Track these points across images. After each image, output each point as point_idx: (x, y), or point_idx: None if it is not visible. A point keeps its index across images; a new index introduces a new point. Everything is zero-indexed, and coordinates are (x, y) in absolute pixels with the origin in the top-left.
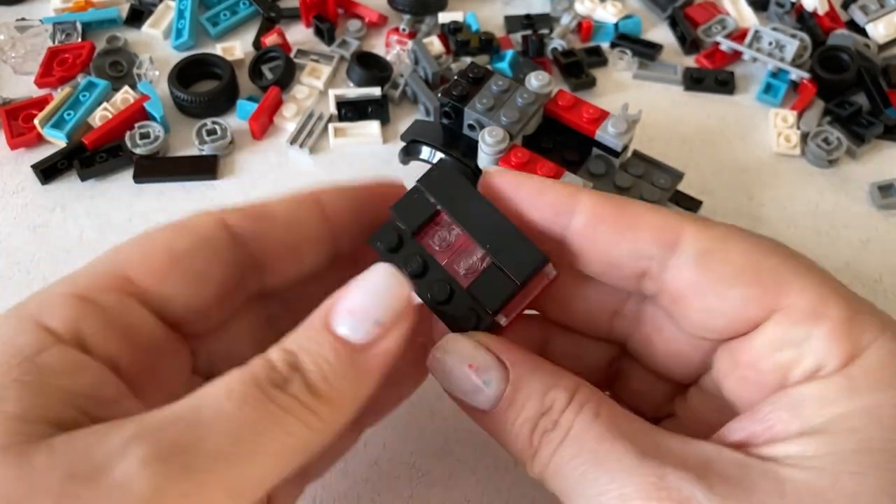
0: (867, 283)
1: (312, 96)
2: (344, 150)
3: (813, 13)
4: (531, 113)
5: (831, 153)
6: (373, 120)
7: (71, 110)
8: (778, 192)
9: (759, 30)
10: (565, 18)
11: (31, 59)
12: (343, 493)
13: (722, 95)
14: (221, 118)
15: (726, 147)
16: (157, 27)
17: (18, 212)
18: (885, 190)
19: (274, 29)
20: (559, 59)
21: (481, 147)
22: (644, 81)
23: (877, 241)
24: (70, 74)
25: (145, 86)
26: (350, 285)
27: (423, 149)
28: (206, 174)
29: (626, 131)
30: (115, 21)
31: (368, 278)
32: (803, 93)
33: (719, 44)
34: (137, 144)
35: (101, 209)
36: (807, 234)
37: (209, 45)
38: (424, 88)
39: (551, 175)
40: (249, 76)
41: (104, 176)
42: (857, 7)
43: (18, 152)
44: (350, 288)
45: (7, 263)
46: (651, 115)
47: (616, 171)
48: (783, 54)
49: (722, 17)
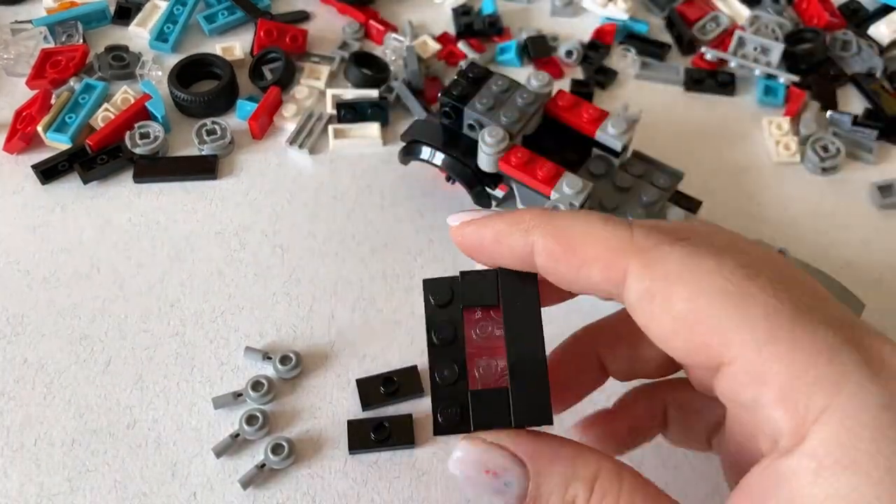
0: (867, 283)
1: (312, 96)
2: (343, 150)
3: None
4: (531, 113)
5: (825, 161)
6: (372, 122)
7: (72, 113)
8: (778, 192)
9: (743, 36)
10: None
11: (23, 61)
12: (343, 492)
13: (723, 96)
14: (221, 118)
15: (726, 147)
16: (144, 26)
17: (18, 212)
18: (885, 190)
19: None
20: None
21: (481, 147)
22: (644, 82)
23: (877, 241)
24: (63, 77)
25: (147, 85)
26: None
27: (423, 149)
28: (205, 174)
29: (626, 131)
30: (105, 15)
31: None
32: (793, 97)
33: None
34: (137, 144)
35: (101, 209)
36: (807, 235)
37: (209, 45)
38: (410, 97)
39: (552, 175)
40: (249, 76)
41: (105, 178)
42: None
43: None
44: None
45: (7, 263)
46: (651, 115)
47: (616, 171)
48: (769, 58)
49: (715, 14)
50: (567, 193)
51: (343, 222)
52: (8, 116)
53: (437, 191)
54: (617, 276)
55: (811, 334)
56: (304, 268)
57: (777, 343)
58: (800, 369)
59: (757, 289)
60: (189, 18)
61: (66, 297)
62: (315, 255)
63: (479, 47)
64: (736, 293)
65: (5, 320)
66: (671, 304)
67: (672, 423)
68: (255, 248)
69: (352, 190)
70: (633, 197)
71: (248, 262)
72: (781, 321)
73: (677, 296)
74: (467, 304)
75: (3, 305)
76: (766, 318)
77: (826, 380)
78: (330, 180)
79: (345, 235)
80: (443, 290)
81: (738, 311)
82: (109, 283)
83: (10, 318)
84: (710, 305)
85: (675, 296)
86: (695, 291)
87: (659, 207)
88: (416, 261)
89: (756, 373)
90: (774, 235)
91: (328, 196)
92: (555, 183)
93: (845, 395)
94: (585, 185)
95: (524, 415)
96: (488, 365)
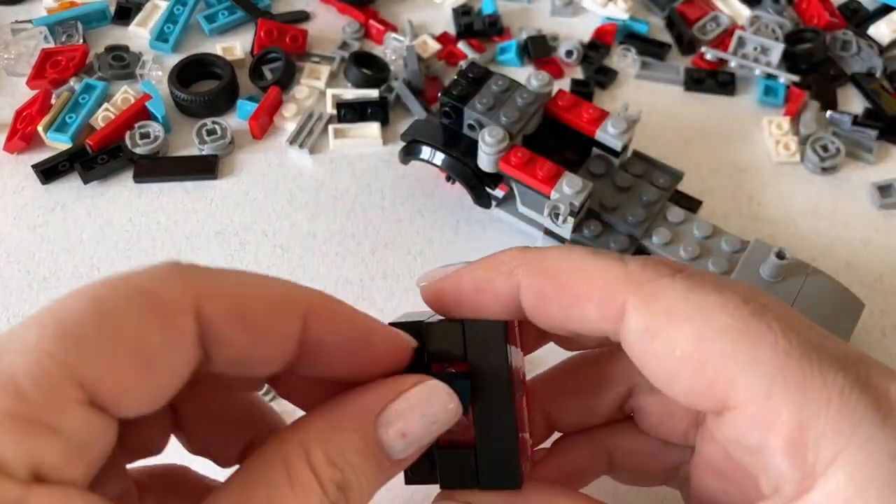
0: (867, 283)
1: (312, 96)
2: (343, 150)
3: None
4: (531, 113)
5: (824, 161)
6: (372, 122)
7: (72, 113)
8: (778, 192)
9: (743, 35)
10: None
11: (23, 61)
12: None
13: (723, 96)
14: (221, 118)
15: (726, 147)
16: (144, 26)
17: (18, 211)
18: (885, 190)
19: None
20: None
21: (481, 147)
22: (644, 81)
23: (877, 241)
24: (63, 77)
25: (147, 85)
26: (408, 402)
27: (423, 149)
28: (205, 174)
29: (626, 131)
30: (105, 15)
31: (429, 406)
32: (793, 97)
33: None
34: (137, 144)
35: (102, 209)
36: (807, 234)
37: (209, 44)
38: (410, 97)
39: (552, 174)
40: (250, 76)
41: (106, 178)
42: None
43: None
44: (407, 407)
45: (7, 263)
46: (651, 115)
47: (616, 171)
48: (769, 58)
49: (715, 14)
50: (567, 193)
51: (343, 222)
52: (8, 116)
53: (437, 191)
54: (614, 312)
55: (821, 377)
56: (304, 267)
57: (786, 387)
58: (809, 417)
59: (765, 327)
60: (189, 18)
61: None
62: (315, 255)
63: (479, 47)
64: (743, 331)
65: (5, 320)
66: (675, 344)
67: (619, 467)
68: (255, 248)
69: (352, 190)
70: (633, 196)
71: (248, 262)
72: (791, 363)
73: (682, 334)
74: (433, 358)
75: (4, 305)
76: (774, 360)
77: (835, 429)
78: (330, 180)
79: (345, 235)
80: (409, 334)
81: (747, 352)
82: None
83: (11, 317)
84: (717, 345)
85: (679, 334)
86: (700, 329)
87: (659, 207)
88: (416, 261)
89: (764, 419)
90: (774, 235)
91: (328, 196)
92: (555, 183)
93: (854, 447)
94: (585, 185)
95: (491, 479)
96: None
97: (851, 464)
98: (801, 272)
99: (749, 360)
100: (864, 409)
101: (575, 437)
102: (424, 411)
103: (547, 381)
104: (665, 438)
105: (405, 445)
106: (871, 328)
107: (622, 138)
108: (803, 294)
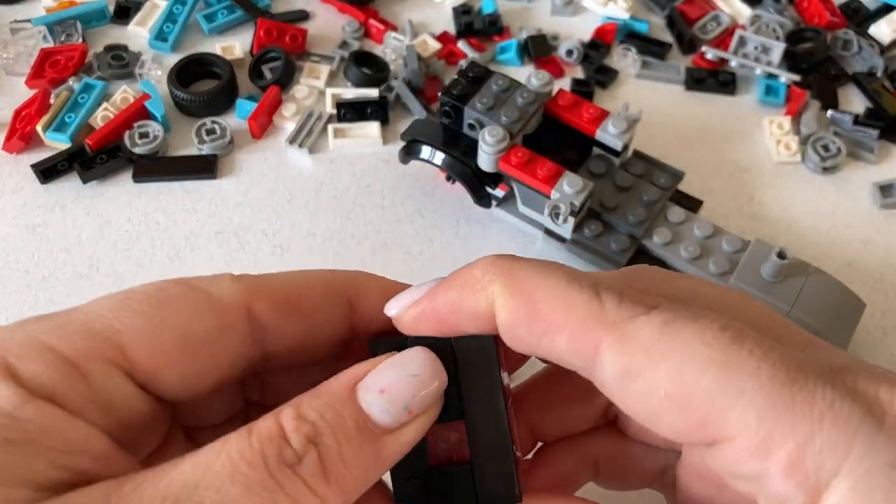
0: (868, 283)
1: (312, 96)
2: (343, 150)
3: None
4: (531, 112)
5: (825, 160)
6: (372, 121)
7: (72, 113)
8: (778, 191)
9: (744, 35)
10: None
11: (22, 61)
12: None
13: (723, 96)
14: (221, 118)
15: (727, 147)
16: (143, 25)
17: (17, 211)
18: (886, 190)
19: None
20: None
21: (481, 146)
22: (644, 81)
23: (878, 240)
24: (62, 76)
25: (146, 84)
26: (385, 363)
27: (423, 148)
28: (205, 174)
29: (627, 131)
30: (104, 14)
31: (407, 361)
32: (794, 97)
33: (704, 53)
34: (137, 144)
35: (101, 209)
36: (807, 234)
37: (208, 44)
38: (410, 96)
39: (552, 174)
40: (249, 75)
41: (105, 177)
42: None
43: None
44: (385, 366)
45: (6, 263)
46: (651, 114)
47: (616, 171)
48: (770, 57)
49: (716, 14)
50: (567, 193)
51: (343, 222)
52: (7, 116)
53: (437, 191)
54: (587, 350)
55: (810, 395)
56: (304, 267)
57: (777, 414)
58: (805, 438)
59: (746, 354)
60: (188, 18)
61: (65, 296)
62: (315, 255)
63: (479, 46)
64: (724, 362)
65: (5, 320)
66: (657, 384)
67: (604, 472)
68: (255, 247)
69: (352, 190)
70: (633, 196)
71: (247, 261)
72: (777, 388)
73: (662, 373)
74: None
75: (3, 305)
76: (761, 388)
77: (832, 444)
78: (330, 180)
79: (345, 235)
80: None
81: (731, 383)
82: (109, 283)
83: (10, 317)
84: (700, 380)
85: (660, 374)
86: (680, 366)
87: (659, 207)
88: (416, 261)
89: (758, 448)
90: (774, 235)
91: (328, 196)
92: (555, 182)
93: (853, 459)
94: (586, 185)
95: (490, 494)
96: (448, 437)
97: (853, 476)
98: (802, 272)
99: (735, 393)
100: (859, 420)
101: (559, 446)
102: (402, 367)
103: (529, 392)
104: (650, 442)
105: (386, 404)
106: (872, 328)
107: (622, 138)
108: (804, 294)
